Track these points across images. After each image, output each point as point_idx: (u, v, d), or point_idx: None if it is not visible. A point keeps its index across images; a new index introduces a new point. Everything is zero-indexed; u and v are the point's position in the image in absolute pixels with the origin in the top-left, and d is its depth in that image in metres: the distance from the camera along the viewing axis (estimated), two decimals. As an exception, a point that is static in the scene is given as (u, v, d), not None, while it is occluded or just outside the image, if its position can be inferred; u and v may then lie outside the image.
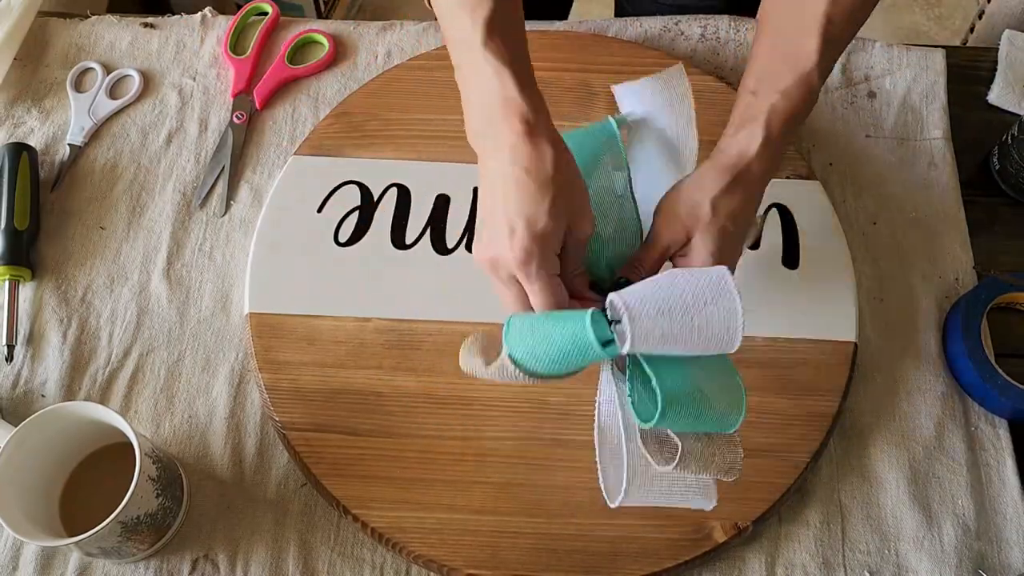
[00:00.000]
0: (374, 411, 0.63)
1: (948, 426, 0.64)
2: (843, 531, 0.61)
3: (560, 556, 0.59)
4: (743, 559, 0.60)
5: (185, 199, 0.73)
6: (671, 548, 0.59)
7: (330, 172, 0.72)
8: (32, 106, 0.77)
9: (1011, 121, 0.74)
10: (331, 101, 0.77)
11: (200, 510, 0.61)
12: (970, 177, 0.75)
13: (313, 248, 0.69)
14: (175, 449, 0.63)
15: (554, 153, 0.50)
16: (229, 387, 0.65)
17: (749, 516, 0.59)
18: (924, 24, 1.84)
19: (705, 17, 0.82)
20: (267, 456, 0.63)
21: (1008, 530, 0.61)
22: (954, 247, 0.71)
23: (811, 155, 0.75)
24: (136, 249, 0.71)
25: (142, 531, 0.55)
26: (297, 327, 0.65)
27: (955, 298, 0.69)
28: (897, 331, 0.68)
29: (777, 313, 0.66)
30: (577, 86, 0.76)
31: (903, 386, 0.66)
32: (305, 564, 0.59)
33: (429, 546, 0.59)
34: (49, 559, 0.59)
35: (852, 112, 0.77)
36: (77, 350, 0.66)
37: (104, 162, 0.75)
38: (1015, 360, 0.65)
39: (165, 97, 0.78)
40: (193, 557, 0.59)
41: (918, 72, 0.79)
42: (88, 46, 0.80)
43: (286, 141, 0.75)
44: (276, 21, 0.82)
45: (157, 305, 0.68)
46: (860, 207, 0.73)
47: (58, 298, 0.68)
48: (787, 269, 0.68)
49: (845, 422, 0.64)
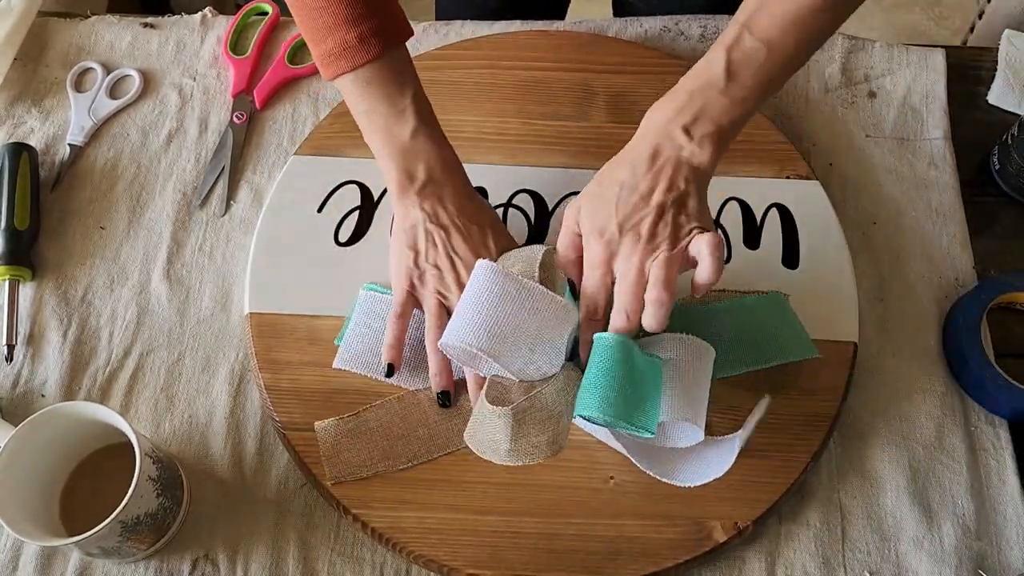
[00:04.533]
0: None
1: (948, 426, 0.64)
2: (843, 531, 0.61)
3: (560, 556, 0.59)
4: (743, 559, 0.60)
5: (185, 199, 0.73)
6: (671, 548, 0.59)
7: (330, 172, 0.72)
8: (32, 106, 0.77)
9: (1011, 121, 0.74)
10: (331, 101, 0.77)
11: (200, 510, 0.61)
12: (970, 177, 0.75)
13: (313, 248, 0.69)
14: (175, 449, 0.63)
15: (492, 215, 0.64)
16: (229, 387, 0.65)
17: (749, 516, 0.59)
18: (924, 24, 1.84)
19: (705, 17, 0.82)
20: (267, 456, 0.63)
21: (1008, 530, 0.61)
22: (954, 247, 0.71)
23: (811, 155, 0.75)
24: (136, 249, 0.71)
25: (142, 531, 0.55)
26: (297, 327, 0.65)
27: (955, 298, 0.69)
28: (897, 331, 0.68)
29: (777, 313, 0.66)
30: (577, 86, 0.76)
31: (903, 386, 0.66)
32: (305, 564, 0.59)
33: (429, 546, 0.59)
34: (49, 559, 0.59)
35: (852, 112, 0.77)
36: (77, 350, 0.66)
37: (104, 162, 0.75)
38: (1015, 360, 0.65)
39: (165, 97, 0.78)
40: (193, 557, 0.59)
41: (918, 72, 0.79)
42: (88, 46, 0.80)
43: (286, 141, 0.75)
44: (276, 21, 0.82)
45: (157, 305, 0.68)
46: (860, 207, 0.73)
47: (58, 298, 0.68)
48: (787, 269, 0.68)
49: (845, 422, 0.64)
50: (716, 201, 0.71)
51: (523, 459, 0.58)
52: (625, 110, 0.74)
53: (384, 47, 0.58)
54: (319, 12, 0.57)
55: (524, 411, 0.55)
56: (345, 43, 0.57)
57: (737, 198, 0.71)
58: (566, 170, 0.71)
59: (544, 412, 0.56)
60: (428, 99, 0.62)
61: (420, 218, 0.61)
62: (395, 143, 0.61)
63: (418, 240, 0.61)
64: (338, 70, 0.59)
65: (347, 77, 0.59)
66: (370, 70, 0.59)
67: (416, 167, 0.61)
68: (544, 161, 0.71)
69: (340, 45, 0.57)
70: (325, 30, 0.58)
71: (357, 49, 0.57)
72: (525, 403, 0.55)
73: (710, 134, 0.55)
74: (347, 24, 0.57)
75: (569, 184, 0.71)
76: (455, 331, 0.55)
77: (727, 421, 0.61)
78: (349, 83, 0.60)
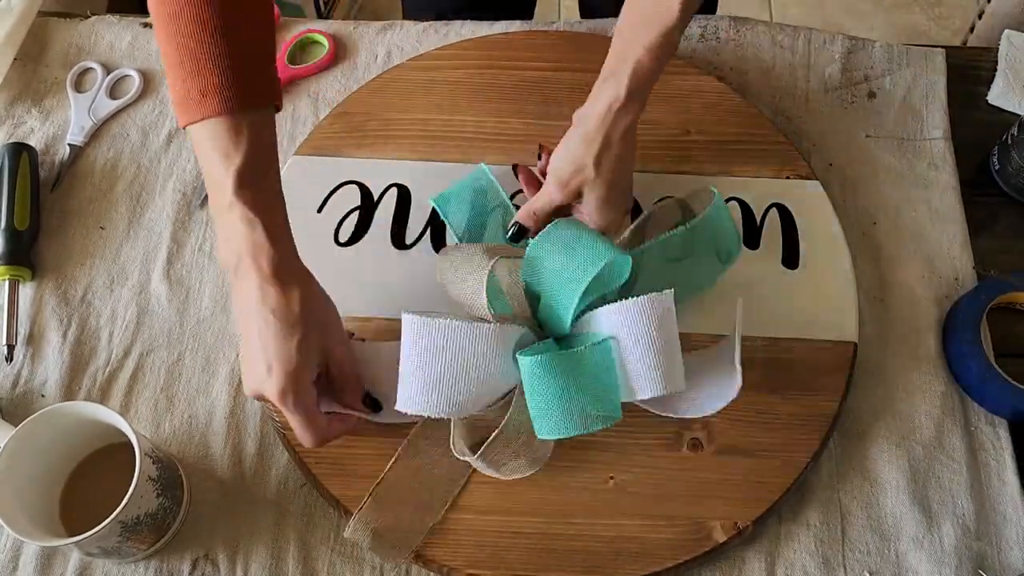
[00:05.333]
0: (374, 411, 0.63)
1: (948, 426, 0.64)
2: (843, 531, 0.61)
3: (560, 556, 0.59)
4: (743, 559, 0.60)
5: (185, 199, 0.73)
6: (671, 548, 0.59)
7: (330, 172, 0.72)
8: (32, 106, 0.77)
9: (1011, 121, 0.74)
10: (331, 101, 0.77)
11: (200, 510, 0.61)
12: (970, 177, 0.75)
13: (313, 248, 0.68)
14: (175, 449, 0.63)
15: (300, 293, 0.54)
16: (229, 387, 0.65)
17: (749, 516, 0.59)
18: (924, 24, 1.84)
19: (705, 17, 0.82)
20: (267, 456, 0.63)
21: (1008, 530, 0.61)
22: (954, 247, 0.71)
23: (811, 155, 0.75)
24: (136, 249, 0.71)
25: (142, 531, 0.55)
26: (297, 327, 0.65)
27: (955, 298, 0.69)
28: (897, 331, 0.68)
29: (777, 313, 0.66)
30: (577, 86, 0.76)
31: (903, 386, 0.66)
32: (305, 564, 0.59)
33: (429, 546, 0.59)
34: (49, 559, 0.59)
35: (852, 112, 0.77)
36: (77, 350, 0.66)
37: (104, 162, 0.75)
38: (1015, 360, 0.65)
39: (165, 97, 0.78)
40: (193, 557, 0.59)
41: (918, 72, 0.79)
42: (88, 46, 0.80)
43: (286, 141, 0.75)
44: (276, 21, 0.82)
45: (157, 305, 0.68)
46: (860, 207, 0.73)
47: (58, 298, 0.68)
48: (787, 269, 0.68)
49: (845, 422, 0.64)
50: (716, 201, 0.71)
51: (516, 475, 0.59)
52: (625, 110, 0.74)
53: (222, 108, 0.52)
54: (175, 52, 0.53)
55: (492, 450, 0.57)
56: (187, 93, 0.52)
57: (737, 198, 0.71)
58: (566, 170, 0.71)
59: (513, 441, 0.58)
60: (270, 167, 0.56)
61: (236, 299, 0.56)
62: (217, 211, 0.55)
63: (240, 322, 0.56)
64: (180, 119, 0.54)
65: (189, 128, 0.54)
66: (205, 127, 0.53)
67: (230, 245, 0.54)
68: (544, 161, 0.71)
69: (183, 94, 0.53)
70: (176, 70, 0.53)
71: (198, 103, 0.52)
72: (490, 444, 0.57)
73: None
74: (195, 74, 0.52)
75: (569, 184, 0.71)
76: (407, 400, 0.55)
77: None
78: (191, 133, 0.54)
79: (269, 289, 0.53)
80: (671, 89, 0.75)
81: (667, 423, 0.61)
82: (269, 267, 0.53)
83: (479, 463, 0.58)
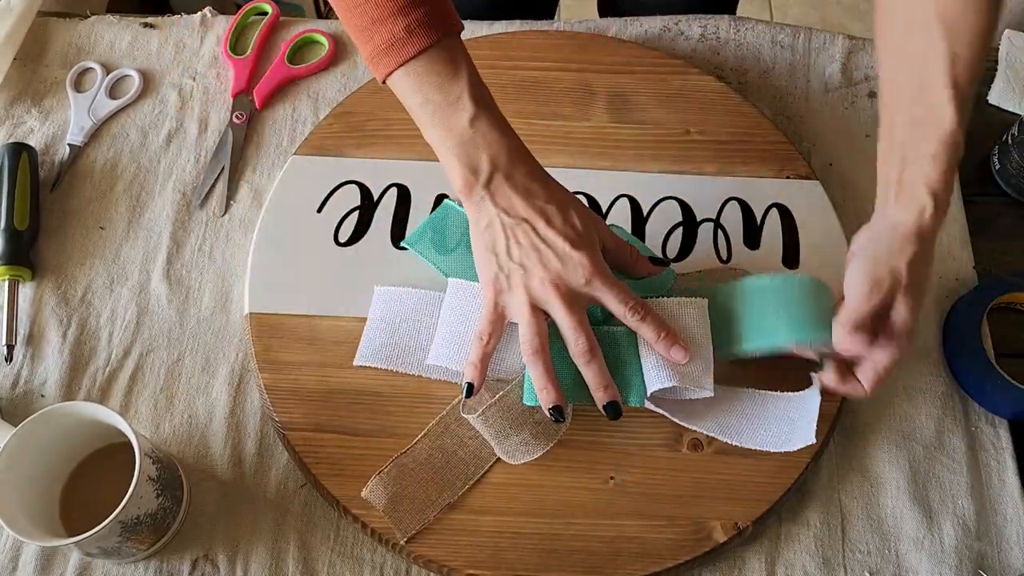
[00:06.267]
0: (374, 411, 0.63)
1: (948, 426, 0.64)
2: (843, 531, 0.61)
3: (560, 556, 0.59)
4: (743, 559, 0.60)
5: (185, 199, 0.73)
6: (671, 548, 0.59)
7: (330, 172, 0.72)
8: (32, 106, 0.77)
9: (1011, 121, 0.74)
10: (331, 101, 0.77)
11: (200, 510, 0.61)
12: (970, 177, 0.75)
13: (313, 248, 0.69)
14: (175, 449, 0.63)
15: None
16: (229, 387, 0.65)
17: (749, 516, 0.59)
18: (924, 24, 1.83)
19: (705, 17, 0.82)
20: (267, 456, 0.63)
21: (1008, 530, 0.61)
22: (954, 247, 0.71)
23: (811, 155, 0.75)
24: (136, 249, 0.71)
25: (142, 531, 0.55)
26: (297, 327, 0.65)
27: (955, 298, 0.69)
28: (897, 331, 0.68)
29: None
30: (577, 86, 0.76)
31: (903, 386, 0.66)
32: (305, 564, 0.59)
33: (429, 546, 0.59)
34: (49, 559, 0.59)
35: (852, 112, 0.77)
36: (77, 350, 0.66)
37: (104, 162, 0.75)
38: (1015, 360, 0.65)
39: (165, 97, 0.78)
40: (193, 557, 0.59)
41: (918, 72, 0.79)
42: (88, 46, 0.80)
43: (286, 141, 0.75)
44: (276, 21, 0.82)
45: (157, 305, 0.68)
46: (860, 207, 0.73)
47: (58, 298, 0.68)
48: (787, 269, 0.68)
49: (845, 422, 0.64)
50: (716, 201, 0.71)
51: (518, 458, 0.59)
52: (625, 110, 0.74)
53: (434, 36, 0.55)
54: (363, 7, 0.55)
55: (492, 413, 0.58)
56: (393, 36, 0.55)
57: (737, 198, 0.71)
58: (566, 170, 0.71)
59: (513, 411, 0.58)
60: (486, 86, 0.59)
61: (494, 215, 0.57)
62: (454, 135, 0.57)
63: (496, 241, 0.57)
64: (389, 66, 0.56)
65: (399, 72, 0.56)
66: (421, 61, 0.56)
67: (479, 159, 0.57)
68: (544, 161, 0.71)
69: (388, 39, 0.55)
70: (372, 25, 0.55)
71: (406, 41, 0.55)
72: (492, 406, 0.58)
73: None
74: (393, 16, 0.55)
75: (569, 184, 0.71)
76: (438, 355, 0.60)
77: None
78: (401, 78, 0.57)
79: (550, 180, 0.59)
80: (671, 89, 0.75)
81: (667, 423, 0.61)
82: (537, 166, 0.59)
83: (479, 422, 0.58)
